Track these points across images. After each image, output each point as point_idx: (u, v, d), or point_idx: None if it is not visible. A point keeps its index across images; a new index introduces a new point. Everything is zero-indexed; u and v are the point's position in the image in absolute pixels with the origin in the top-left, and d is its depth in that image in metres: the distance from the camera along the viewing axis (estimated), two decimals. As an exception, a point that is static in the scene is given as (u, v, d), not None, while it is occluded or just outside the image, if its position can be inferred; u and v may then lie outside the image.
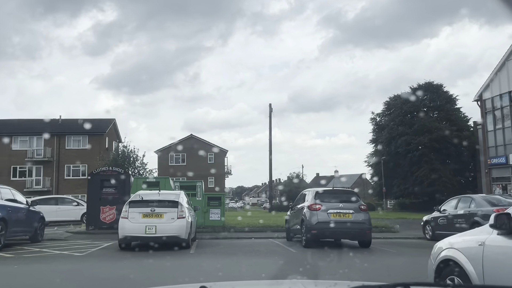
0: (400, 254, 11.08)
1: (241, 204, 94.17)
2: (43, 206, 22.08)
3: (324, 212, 11.38)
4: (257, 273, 7.29)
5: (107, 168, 17.24)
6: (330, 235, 11.57)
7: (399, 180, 42.91)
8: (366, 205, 12.21)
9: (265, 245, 12.45)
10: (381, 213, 33.34)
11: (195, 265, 8.39)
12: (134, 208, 10.72)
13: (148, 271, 7.67)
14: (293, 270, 7.43)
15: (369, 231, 11.57)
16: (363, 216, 11.54)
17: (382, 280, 3.90)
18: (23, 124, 42.45)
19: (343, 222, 11.33)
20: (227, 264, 8.54)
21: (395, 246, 12.59)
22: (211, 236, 14.54)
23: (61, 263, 8.51)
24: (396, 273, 7.52)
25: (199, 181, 18.11)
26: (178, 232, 10.57)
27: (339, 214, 11.41)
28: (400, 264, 9.10)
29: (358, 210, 11.56)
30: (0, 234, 10.72)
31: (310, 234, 11.31)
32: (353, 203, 11.70)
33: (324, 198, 11.78)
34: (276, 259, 9.40)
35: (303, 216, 11.81)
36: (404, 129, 41.24)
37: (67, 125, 42.25)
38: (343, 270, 7.32)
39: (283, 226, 16.30)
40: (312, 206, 11.52)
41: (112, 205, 15.92)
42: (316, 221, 11.29)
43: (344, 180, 75.61)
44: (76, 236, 14.96)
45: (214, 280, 2.87)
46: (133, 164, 35.05)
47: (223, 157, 57.40)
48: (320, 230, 11.25)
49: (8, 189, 12.20)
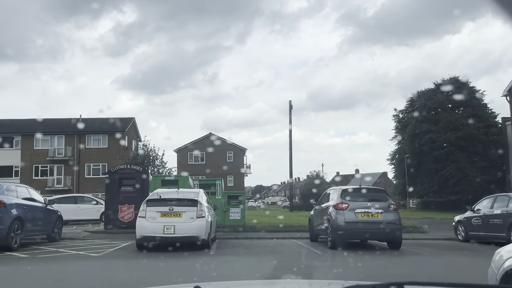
0: (434, 256, 10.35)
1: (260, 203, 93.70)
2: (63, 205, 22.02)
3: (351, 212, 10.74)
4: (282, 277, 6.72)
5: (125, 166, 16.91)
6: (358, 236, 10.91)
7: (423, 178, 41.70)
8: (396, 204, 11.50)
9: (288, 246, 11.88)
10: (406, 212, 32.36)
11: (215, 268, 7.87)
12: (152, 207, 10.28)
13: (165, 273, 7.20)
14: (321, 274, 6.84)
15: (399, 232, 10.86)
16: (393, 216, 10.85)
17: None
18: (44, 123, 42.80)
19: (372, 222, 10.66)
20: (249, 266, 8.01)
21: (426, 247, 11.85)
22: (232, 236, 14.04)
23: (75, 265, 8.12)
24: (439, 279, 6.83)
25: (219, 179, 17.64)
26: (198, 232, 10.10)
27: (368, 214, 10.74)
28: (439, 269, 8.39)
29: (388, 209, 10.88)
30: (16, 234, 10.43)
31: (336, 235, 10.68)
32: (382, 202, 11.02)
33: (350, 196, 11.13)
34: (302, 261, 8.81)
35: (328, 216, 11.19)
36: (428, 126, 39.99)
37: (87, 124, 42.43)
38: (378, 274, 6.69)
39: (306, 226, 15.70)
40: (338, 206, 10.89)
41: (130, 204, 15.58)
42: (342, 221, 10.66)
43: (369, 180, 74.28)
44: (94, 236, 14.67)
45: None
46: (153, 162, 34.98)
47: (242, 155, 56.99)
48: (347, 231, 10.61)
49: (24, 188, 11.95)
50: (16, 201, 10.79)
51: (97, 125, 43.17)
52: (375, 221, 10.67)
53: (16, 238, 10.43)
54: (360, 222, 10.60)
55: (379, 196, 11.29)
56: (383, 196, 11.29)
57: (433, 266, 8.68)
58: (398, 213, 11.16)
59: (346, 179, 76.37)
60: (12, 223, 10.20)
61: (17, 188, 11.37)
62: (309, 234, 13.65)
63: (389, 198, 11.45)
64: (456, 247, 12.67)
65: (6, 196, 10.41)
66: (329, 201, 11.85)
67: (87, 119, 43.42)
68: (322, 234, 12.26)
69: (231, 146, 56.40)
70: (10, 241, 10.14)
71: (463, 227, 13.96)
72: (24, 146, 42.09)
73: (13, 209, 10.45)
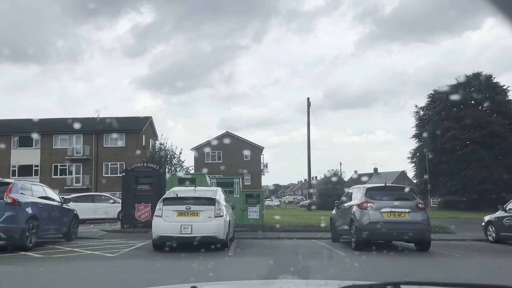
0: (467, 259, 9.74)
1: (277, 202, 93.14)
2: (80, 204, 21.97)
3: (376, 211, 10.20)
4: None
5: (141, 164, 16.64)
6: (384, 237, 10.34)
7: (445, 177, 40.59)
8: (424, 203, 10.90)
9: (310, 246, 11.39)
10: (428, 211, 31.44)
11: (235, 270, 7.46)
12: (169, 206, 9.93)
13: (182, 275, 6.82)
14: (351, 277, 6.34)
15: (428, 233, 10.27)
16: (421, 216, 10.26)
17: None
18: (63, 123, 43.14)
19: (399, 222, 10.10)
20: (271, 268, 7.56)
21: (456, 249, 11.22)
22: (250, 236, 13.63)
23: (89, 265, 7.80)
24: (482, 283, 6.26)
25: (237, 177, 17.23)
26: (216, 232, 9.71)
27: (394, 214, 10.18)
28: (476, 272, 7.80)
29: (415, 208, 10.29)
30: (31, 233, 10.21)
31: (360, 236, 10.16)
32: (409, 201, 10.44)
33: (375, 195, 10.58)
34: (326, 263, 8.33)
35: (352, 216, 10.66)
36: (451, 124, 38.90)
37: (105, 124, 42.59)
38: (414, 278, 6.15)
39: (327, 226, 15.19)
40: (363, 205, 10.36)
41: (147, 203, 15.29)
42: (367, 221, 10.12)
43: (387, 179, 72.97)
44: (110, 235, 14.44)
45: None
46: (170, 161, 34.84)
47: (259, 154, 56.56)
48: (372, 231, 10.07)
49: (40, 186, 11.75)
50: (31, 200, 10.58)
51: (115, 124, 43.31)
52: (402, 221, 10.10)
53: (31, 237, 10.21)
54: (386, 222, 10.05)
55: (406, 195, 10.71)
56: (410, 195, 10.71)
57: (469, 269, 8.09)
58: (427, 212, 10.57)
59: (365, 178, 75.25)
60: (27, 222, 9.98)
61: (32, 187, 11.16)
62: (331, 234, 13.13)
63: (417, 196, 10.85)
64: (487, 248, 12.00)
65: (21, 195, 10.20)
66: (352, 200, 11.33)
67: (105, 119, 43.61)
68: (345, 234, 11.75)
69: (248, 145, 56.03)
70: (25, 241, 9.92)
71: (494, 227, 13.25)
72: (43, 145, 42.49)
73: (28, 208, 10.24)
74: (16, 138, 41.98)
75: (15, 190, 10.10)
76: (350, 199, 11.89)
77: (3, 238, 9.67)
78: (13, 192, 9.99)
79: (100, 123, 42.79)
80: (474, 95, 40.34)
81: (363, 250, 10.07)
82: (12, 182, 10.36)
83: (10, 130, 41.93)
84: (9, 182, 10.33)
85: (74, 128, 41.20)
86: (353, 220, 10.55)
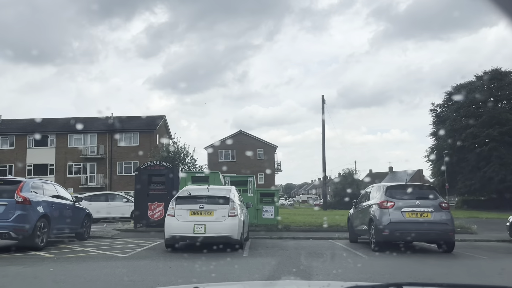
0: (495, 261, 9.24)
1: (291, 201, 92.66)
2: (93, 203, 21.91)
3: (397, 211, 9.75)
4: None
5: (154, 162, 16.40)
6: (405, 237, 9.86)
7: (463, 176, 39.71)
8: (447, 203, 10.41)
9: (327, 247, 10.99)
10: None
11: (250, 272, 7.12)
12: (181, 205, 9.63)
13: (195, 277, 6.50)
14: (373, 281, 5.95)
15: (452, 234, 9.77)
16: (445, 216, 9.78)
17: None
18: (77, 122, 43.36)
19: (421, 222, 9.64)
20: (288, 271, 7.19)
21: (481, 250, 10.70)
22: (265, 236, 13.28)
23: (100, 266, 7.54)
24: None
25: (251, 176, 16.88)
26: (230, 232, 9.39)
27: (416, 213, 9.72)
28: (507, 276, 7.32)
29: (439, 208, 9.82)
30: (42, 232, 10.02)
31: (381, 236, 9.73)
32: (432, 200, 9.96)
33: (396, 194, 10.13)
34: (346, 265, 7.93)
35: (371, 215, 10.24)
36: (469, 121, 37.99)
37: (118, 123, 42.68)
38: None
39: (343, 226, 14.78)
40: (383, 204, 9.92)
41: (160, 202, 15.05)
42: (388, 221, 9.69)
43: (402, 177, 71.82)
44: (123, 234, 14.24)
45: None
46: (184, 160, 34.68)
47: (272, 153, 56.14)
48: (393, 232, 9.63)
49: (51, 185, 11.57)
50: (43, 199, 10.39)
51: (128, 123, 43.41)
52: (425, 221, 9.64)
53: (43, 237, 10.02)
54: (407, 222, 9.60)
55: (428, 194, 10.23)
56: (433, 194, 10.22)
57: (498, 272, 7.60)
58: (450, 212, 10.07)
59: (380, 177, 74.28)
60: (38, 221, 9.79)
61: (44, 185, 10.97)
62: (348, 234, 12.71)
63: (440, 195, 10.37)
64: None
65: (32, 194, 10.01)
66: (371, 199, 10.91)
67: (119, 118, 43.71)
68: (363, 234, 11.32)
69: (262, 144, 55.68)
70: (36, 240, 9.73)
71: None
72: (58, 144, 42.76)
73: (39, 206, 10.04)
74: (32, 137, 42.33)
75: (26, 189, 9.91)
76: (368, 198, 11.47)
77: (13, 237, 9.49)
78: (24, 190, 9.80)
79: (114, 122, 42.89)
80: (493, 92, 39.35)
81: (383, 251, 9.66)
82: (23, 180, 10.18)
83: (26, 129, 42.30)
84: (20, 180, 10.14)
85: (89, 127, 41.43)
86: (372, 220, 10.13)
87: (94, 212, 21.43)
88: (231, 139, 53.88)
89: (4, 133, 43.01)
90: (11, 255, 9.07)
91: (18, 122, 44.18)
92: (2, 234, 9.41)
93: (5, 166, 42.24)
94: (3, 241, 10.71)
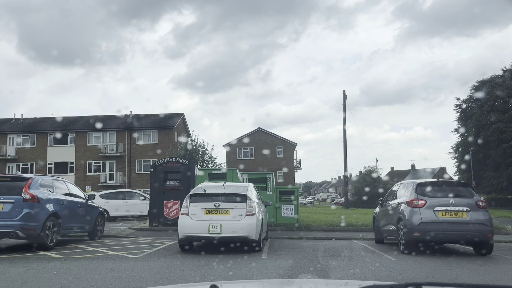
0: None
1: (310, 200, 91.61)
2: (110, 201, 21.65)
3: (429, 210, 8.96)
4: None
5: (170, 159, 15.89)
6: (438, 238, 9.07)
7: (490, 173, 38.21)
8: (485, 201, 9.54)
9: (352, 248, 10.25)
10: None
11: (270, 276, 6.47)
12: (196, 203, 9.05)
13: (209, 281, 5.88)
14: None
15: (491, 235, 8.91)
16: (482, 215, 8.93)
17: None
18: (96, 120, 43.47)
19: (456, 222, 8.82)
20: (311, 274, 6.52)
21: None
22: (285, 236, 12.62)
23: (108, 269, 7.01)
24: None
25: (270, 173, 16.21)
26: (247, 232, 8.77)
27: (450, 213, 8.91)
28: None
29: (475, 207, 8.98)
30: (52, 231, 9.58)
31: (411, 237, 8.95)
32: (468, 198, 9.13)
33: (427, 192, 9.32)
34: (375, 270, 7.20)
35: (400, 215, 9.46)
36: (496, 116, 36.47)
37: (137, 121, 42.60)
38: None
39: (368, 226, 14.02)
40: (413, 202, 9.13)
41: (176, 200, 14.55)
42: (419, 221, 8.90)
43: (426, 175, 70.15)
44: (138, 233, 13.77)
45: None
46: (202, 158, 34.27)
47: (292, 151, 55.30)
48: (425, 233, 8.84)
49: (62, 182, 11.11)
50: (53, 196, 9.95)
51: (147, 121, 43.29)
52: (461, 221, 8.81)
53: (52, 236, 9.59)
54: (441, 222, 8.80)
55: (464, 191, 9.40)
56: (469, 191, 9.38)
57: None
58: (488, 211, 9.21)
59: (401, 175, 72.65)
60: (47, 220, 9.35)
61: (54, 183, 10.53)
62: (374, 235, 11.94)
63: (476, 193, 9.51)
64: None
65: (40, 191, 9.58)
66: (399, 198, 10.12)
67: (137, 116, 43.62)
68: (390, 235, 10.54)
69: (281, 141, 54.90)
70: (45, 239, 9.30)
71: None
72: (78, 142, 42.94)
73: (48, 204, 9.61)
74: (52, 136, 42.62)
75: (34, 186, 9.48)
76: (395, 196, 10.68)
77: (21, 236, 9.07)
78: (32, 188, 9.37)
79: (133, 120, 42.81)
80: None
81: (413, 254, 8.88)
82: (32, 177, 9.74)
83: (47, 128, 42.60)
84: (28, 177, 9.70)
85: (108, 125, 41.46)
86: (401, 219, 9.36)
87: (112, 210, 21.25)
88: (250, 137, 53.33)
89: (26, 132, 43.43)
90: (17, 256, 8.65)
91: (39, 121, 44.55)
92: (9, 234, 9.00)
93: (27, 164, 42.67)
94: (12, 241, 10.37)
